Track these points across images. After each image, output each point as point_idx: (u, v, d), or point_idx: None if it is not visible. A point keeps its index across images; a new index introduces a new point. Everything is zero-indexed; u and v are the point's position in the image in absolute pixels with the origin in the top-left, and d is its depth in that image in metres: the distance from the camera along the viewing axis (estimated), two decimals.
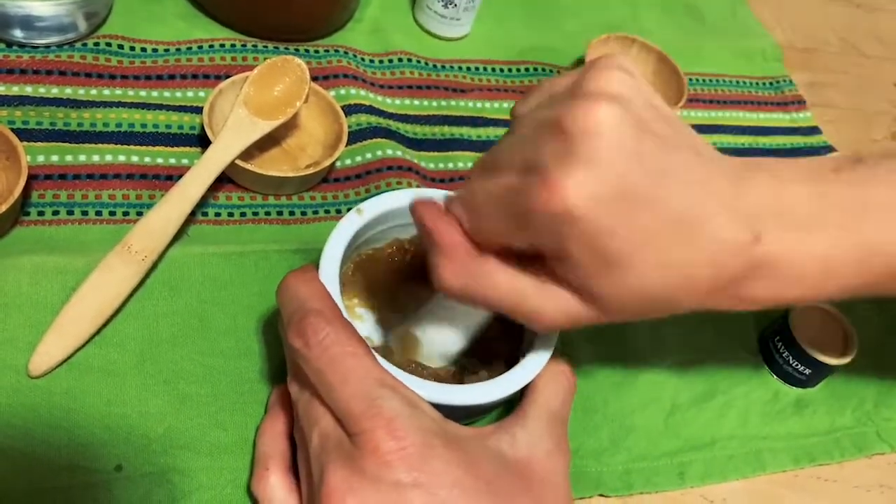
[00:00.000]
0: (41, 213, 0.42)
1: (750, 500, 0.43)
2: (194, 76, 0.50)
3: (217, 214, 0.45)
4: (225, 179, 0.46)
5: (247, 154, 0.45)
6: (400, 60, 0.57)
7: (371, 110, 0.53)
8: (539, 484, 0.31)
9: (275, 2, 0.52)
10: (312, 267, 0.34)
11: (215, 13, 0.54)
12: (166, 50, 0.51)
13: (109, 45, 0.49)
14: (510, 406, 0.35)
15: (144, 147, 0.46)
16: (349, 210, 0.38)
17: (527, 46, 0.63)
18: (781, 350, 0.47)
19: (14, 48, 0.47)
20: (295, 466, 0.34)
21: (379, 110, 0.53)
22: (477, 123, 0.56)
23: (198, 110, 0.48)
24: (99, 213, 0.43)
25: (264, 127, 0.45)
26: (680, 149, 0.29)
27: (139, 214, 0.43)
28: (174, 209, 0.41)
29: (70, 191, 0.43)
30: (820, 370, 0.47)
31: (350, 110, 0.51)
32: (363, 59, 0.56)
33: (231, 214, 0.45)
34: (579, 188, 0.27)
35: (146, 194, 0.44)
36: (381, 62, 0.57)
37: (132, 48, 0.50)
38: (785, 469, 0.45)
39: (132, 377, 0.37)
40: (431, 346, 0.37)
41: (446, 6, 0.58)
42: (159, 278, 0.41)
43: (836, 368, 0.47)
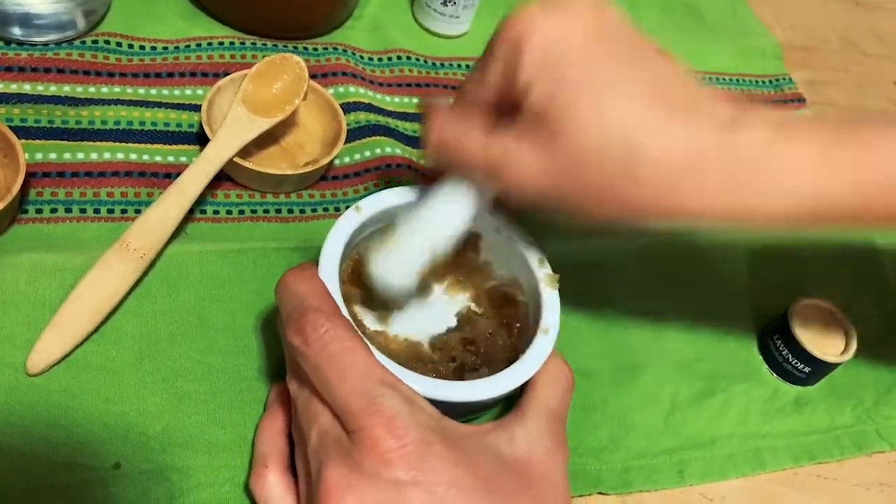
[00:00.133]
0: (39, 211, 0.42)
1: (749, 499, 0.43)
2: (193, 74, 0.50)
3: (216, 212, 0.45)
4: (223, 177, 0.46)
5: (245, 152, 0.45)
6: (399, 58, 0.57)
7: (370, 108, 0.52)
8: (538, 482, 0.31)
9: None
10: (311, 265, 0.34)
11: (214, 11, 0.54)
12: (165, 48, 0.51)
13: (108, 43, 0.49)
14: (509, 404, 0.35)
15: (143, 145, 0.46)
16: (348, 208, 0.37)
17: None
18: (781, 348, 0.47)
19: (13, 46, 0.47)
20: (293, 465, 0.34)
21: (378, 108, 0.53)
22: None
23: (196, 108, 0.48)
24: (97, 211, 0.43)
25: (263, 124, 0.45)
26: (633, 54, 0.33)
27: (137, 212, 0.43)
28: (172, 207, 0.41)
29: (68, 188, 0.43)
30: (819, 368, 0.47)
31: (349, 108, 0.51)
32: (362, 57, 0.56)
33: (230, 212, 0.45)
34: (538, 19, 0.31)
35: (144, 192, 0.44)
36: (381, 60, 0.57)
37: (131, 46, 0.50)
38: (784, 467, 0.45)
39: (130, 375, 0.37)
40: (403, 244, 0.36)
41: (445, 4, 0.58)
42: (158, 276, 0.40)
43: (836, 366, 0.47)
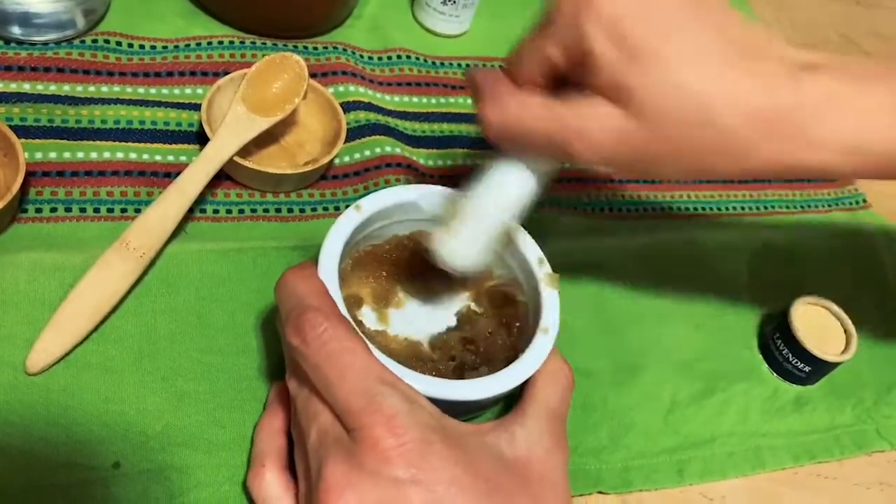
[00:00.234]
0: (39, 211, 0.42)
1: (749, 498, 0.43)
2: (192, 73, 0.50)
3: (215, 211, 0.45)
4: (223, 176, 0.46)
5: (245, 151, 0.45)
6: (399, 57, 0.57)
7: (370, 107, 0.52)
8: (538, 482, 0.31)
9: None
10: (311, 264, 0.34)
11: (214, 10, 0.54)
12: (164, 47, 0.51)
13: (108, 42, 0.49)
14: (509, 403, 0.35)
15: (143, 144, 0.46)
16: (348, 207, 0.37)
17: None
18: (781, 347, 0.47)
19: (12, 45, 0.47)
20: (292, 464, 0.34)
21: (378, 107, 0.53)
22: (476, 120, 0.56)
23: (196, 107, 0.48)
24: (97, 210, 0.43)
25: (262, 124, 0.45)
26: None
27: (137, 211, 0.43)
28: (172, 206, 0.41)
29: (68, 188, 0.43)
30: (820, 367, 0.47)
31: (349, 107, 0.51)
32: (362, 56, 0.56)
33: (229, 211, 0.45)
34: None
35: (144, 191, 0.44)
36: (380, 59, 0.57)
37: (130, 45, 0.50)
38: (784, 466, 0.45)
39: (130, 374, 0.37)
40: (466, 225, 0.36)
41: (445, 3, 0.58)
42: (157, 275, 0.40)
43: (836, 366, 0.47)
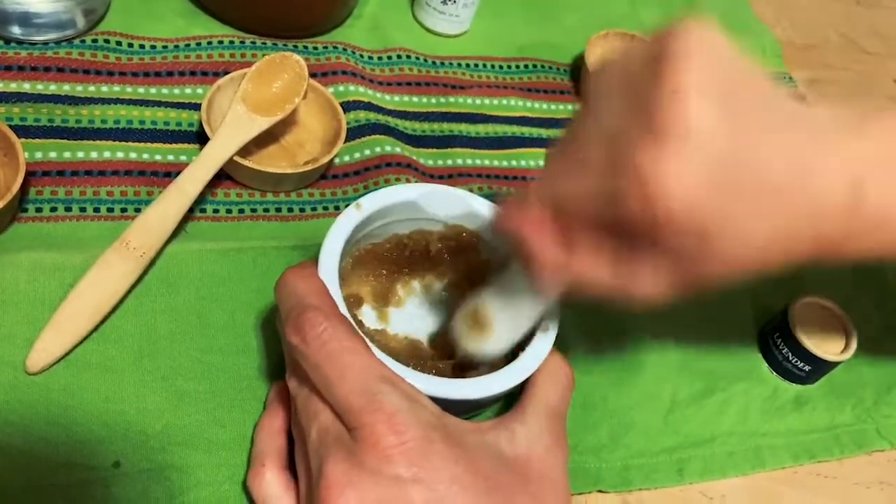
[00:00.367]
0: (39, 210, 0.42)
1: (749, 497, 0.43)
2: (192, 73, 0.50)
3: (215, 211, 0.45)
4: (223, 176, 0.46)
5: (245, 150, 0.45)
6: (399, 57, 0.57)
7: (370, 107, 0.52)
8: (537, 480, 0.31)
9: None
10: (311, 263, 0.34)
11: (214, 10, 0.54)
12: (164, 47, 0.51)
13: (108, 42, 0.49)
14: (509, 402, 0.35)
15: (143, 144, 0.46)
16: (348, 206, 0.37)
17: (526, 43, 0.63)
18: (781, 346, 0.47)
19: (12, 45, 0.47)
20: (292, 463, 0.34)
21: (378, 107, 0.53)
22: (476, 120, 0.56)
23: (196, 107, 0.48)
24: (97, 210, 0.43)
25: (262, 123, 0.45)
26: (769, 107, 0.28)
27: (137, 211, 0.43)
28: (172, 206, 0.41)
29: (68, 187, 0.43)
30: (819, 367, 0.47)
31: (349, 107, 0.51)
32: (362, 56, 0.56)
33: (229, 211, 0.45)
34: (674, 183, 0.26)
35: (144, 191, 0.44)
36: (381, 59, 0.57)
37: (130, 45, 0.50)
38: (784, 466, 0.45)
39: (130, 374, 0.37)
40: (502, 326, 0.36)
41: (445, 3, 0.58)
42: (157, 275, 0.40)
43: (836, 365, 0.47)
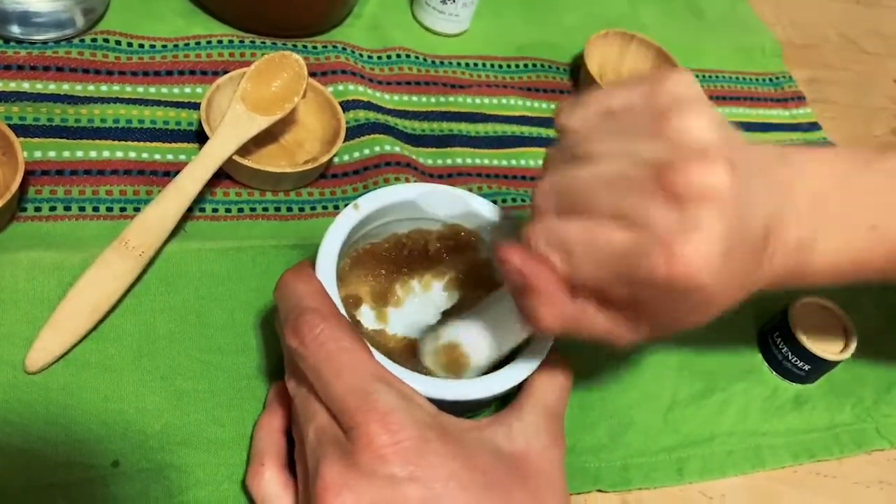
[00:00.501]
0: (38, 209, 0.42)
1: (749, 496, 0.43)
2: (192, 72, 0.50)
3: (214, 210, 0.45)
4: (222, 175, 0.46)
5: (244, 150, 0.45)
6: (398, 56, 0.57)
7: (369, 106, 0.52)
8: (535, 477, 0.31)
9: None
10: (309, 264, 0.34)
11: (213, 9, 0.54)
12: (164, 46, 0.51)
13: (107, 42, 0.49)
14: (506, 402, 0.35)
15: (142, 143, 0.46)
16: (347, 206, 0.37)
17: (525, 42, 0.63)
18: (780, 346, 0.47)
19: (11, 44, 0.47)
20: (291, 463, 0.34)
21: (377, 106, 0.53)
22: (475, 119, 0.56)
23: (195, 106, 0.48)
24: (96, 209, 0.43)
25: (262, 122, 0.45)
26: (752, 172, 0.30)
27: (136, 210, 0.43)
28: (171, 205, 0.41)
29: (67, 187, 0.43)
30: (819, 366, 0.46)
31: (348, 106, 0.51)
32: (361, 55, 0.56)
33: (228, 210, 0.45)
34: (701, 257, 0.27)
35: (143, 190, 0.44)
36: (380, 58, 0.57)
37: (129, 44, 0.50)
38: (784, 465, 0.45)
39: (129, 373, 0.37)
40: (476, 353, 0.36)
41: (445, 2, 0.58)
42: (156, 274, 0.40)
43: (836, 364, 0.47)
